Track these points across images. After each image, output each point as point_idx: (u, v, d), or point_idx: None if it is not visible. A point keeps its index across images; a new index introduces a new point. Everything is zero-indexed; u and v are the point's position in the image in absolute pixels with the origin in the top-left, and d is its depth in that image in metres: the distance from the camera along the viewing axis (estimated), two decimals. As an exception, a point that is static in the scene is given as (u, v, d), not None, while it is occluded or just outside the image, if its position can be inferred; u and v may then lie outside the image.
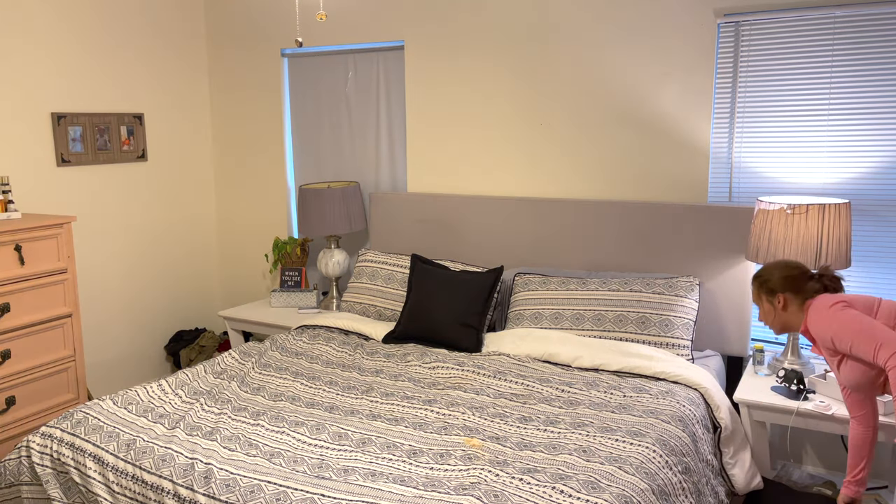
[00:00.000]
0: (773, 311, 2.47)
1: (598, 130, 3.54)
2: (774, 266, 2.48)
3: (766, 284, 2.47)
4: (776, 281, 2.45)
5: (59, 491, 2.46)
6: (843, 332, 2.22)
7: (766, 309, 2.49)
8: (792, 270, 2.45)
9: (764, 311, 2.50)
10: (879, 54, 2.93)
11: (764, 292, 2.48)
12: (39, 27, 3.76)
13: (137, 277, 4.39)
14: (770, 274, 2.47)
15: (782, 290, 2.44)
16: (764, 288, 2.48)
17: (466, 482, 2.13)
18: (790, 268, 2.46)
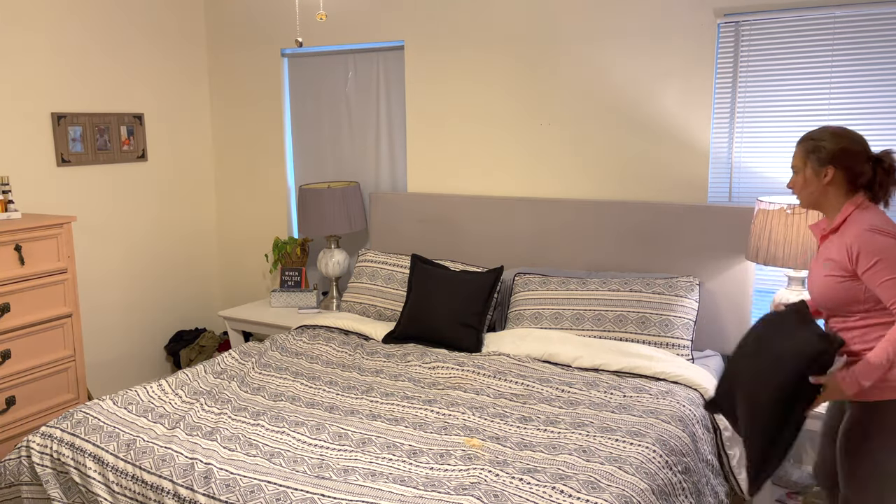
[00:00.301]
0: (816, 182, 2.15)
1: (597, 130, 3.54)
2: (832, 133, 2.14)
3: (818, 151, 2.14)
4: (833, 150, 2.12)
5: (59, 491, 2.47)
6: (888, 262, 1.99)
7: (808, 177, 2.16)
8: (854, 144, 2.13)
9: (804, 178, 2.17)
10: (879, 54, 2.93)
11: (813, 158, 2.15)
12: (40, 27, 3.76)
13: (137, 277, 4.39)
14: (826, 140, 2.14)
15: (834, 164, 2.12)
16: (815, 154, 2.14)
17: (466, 482, 2.13)
18: (853, 140, 2.13)
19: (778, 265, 2.82)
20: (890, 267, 1.99)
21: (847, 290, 2.08)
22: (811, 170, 2.15)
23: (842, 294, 2.10)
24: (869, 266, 2.01)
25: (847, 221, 2.11)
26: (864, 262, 2.02)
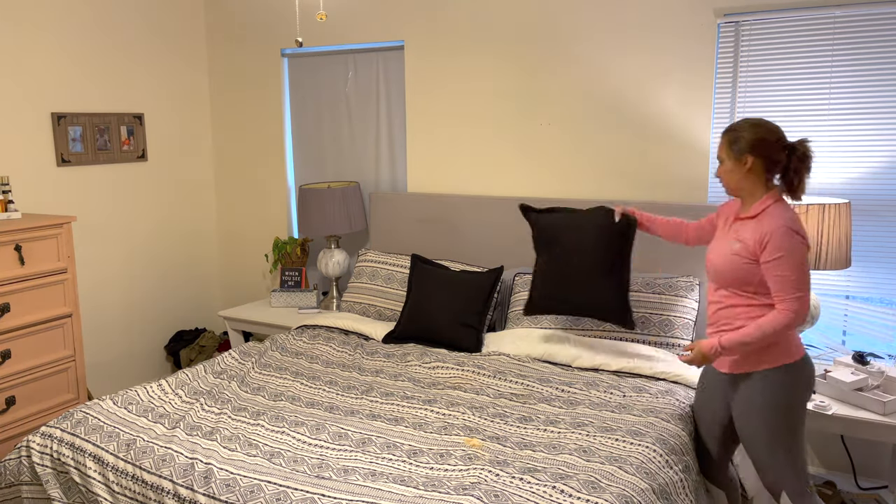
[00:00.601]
0: (739, 170, 2.31)
1: (597, 130, 3.54)
2: (751, 124, 2.30)
3: (738, 142, 2.29)
4: (751, 140, 2.27)
5: (59, 491, 2.46)
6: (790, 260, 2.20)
7: (730, 167, 2.32)
8: (769, 134, 2.28)
9: (726, 167, 2.34)
10: (879, 54, 2.93)
11: (733, 149, 2.31)
12: (40, 27, 3.76)
13: (137, 277, 4.39)
14: (745, 131, 2.29)
15: (752, 153, 2.28)
16: (736, 144, 2.30)
17: (466, 482, 2.13)
18: (768, 131, 2.28)
19: (778, 265, 2.81)
20: (788, 265, 2.20)
21: (746, 271, 2.28)
22: (732, 160, 2.31)
23: (741, 273, 2.29)
24: (772, 258, 2.21)
25: (765, 212, 2.28)
26: (770, 253, 2.22)
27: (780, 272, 2.20)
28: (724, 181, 2.37)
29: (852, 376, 2.68)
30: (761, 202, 2.29)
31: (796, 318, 2.20)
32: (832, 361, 2.99)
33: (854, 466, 3.14)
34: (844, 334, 3.18)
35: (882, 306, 3.08)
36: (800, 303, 2.19)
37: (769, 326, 2.21)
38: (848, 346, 3.15)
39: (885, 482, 3.09)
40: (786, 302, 2.20)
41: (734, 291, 2.33)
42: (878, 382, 2.69)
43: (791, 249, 2.19)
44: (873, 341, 3.09)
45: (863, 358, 2.76)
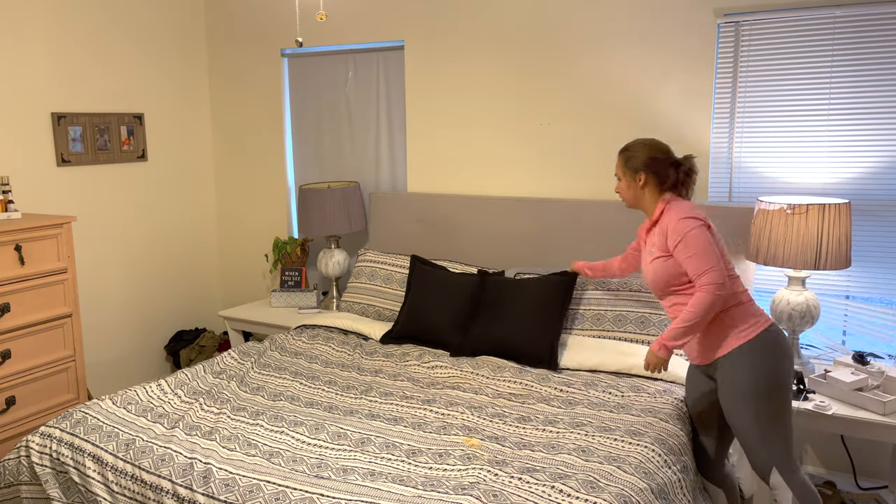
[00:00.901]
0: (634, 186, 2.52)
1: (598, 130, 3.54)
2: (643, 144, 2.52)
3: (631, 161, 2.52)
4: (642, 159, 2.50)
5: (58, 490, 2.46)
6: (689, 241, 2.34)
7: (627, 184, 2.54)
8: (658, 153, 2.50)
9: (623, 185, 2.56)
10: (879, 54, 2.93)
11: (629, 168, 2.53)
12: (39, 27, 3.76)
13: (137, 277, 4.39)
14: (637, 150, 2.51)
15: (645, 170, 2.49)
16: (630, 164, 2.52)
17: (465, 482, 2.13)
18: (658, 150, 2.51)
19: (778, 265, 2.82)
20: (690, 246, 2.35)
21: (669, 268, 2.43)
22: (629, 179, 2.53)
23: (668, 273, 2.43)
24: (676, 243, 2.38)
25: (663, 214, 2.48)
26: (672, 242, 2.39)
27: (687, 254, 2.35)
28: (622, 196, 2.58)
29: (852, 376, 2.68)
30: (657, 209, 2.49)
31: (717, 291, 2.30)
32: (832, 361, 2.98)
33: (854, 466, 3.14)
34: (844, 334, 3.17)
35: (882, 306, 3.07)
36: (713, 275, 2.31)
37: (698, 306, 2.32)
38: (848, 346, 3.15)
39: (885, 482, 3.08)
40: (701, 278, 2.32)
41: (674, 291, 2.46)
42: (878, 382, 2.69)
43: (686, 232, 2.35)
44: (873, 341, 3.09)
45: (863, 358, 2.76)
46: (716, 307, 2.32)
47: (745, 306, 2.40)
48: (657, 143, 2.53)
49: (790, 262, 2.78)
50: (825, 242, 2.74)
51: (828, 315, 3.16)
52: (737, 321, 2.36)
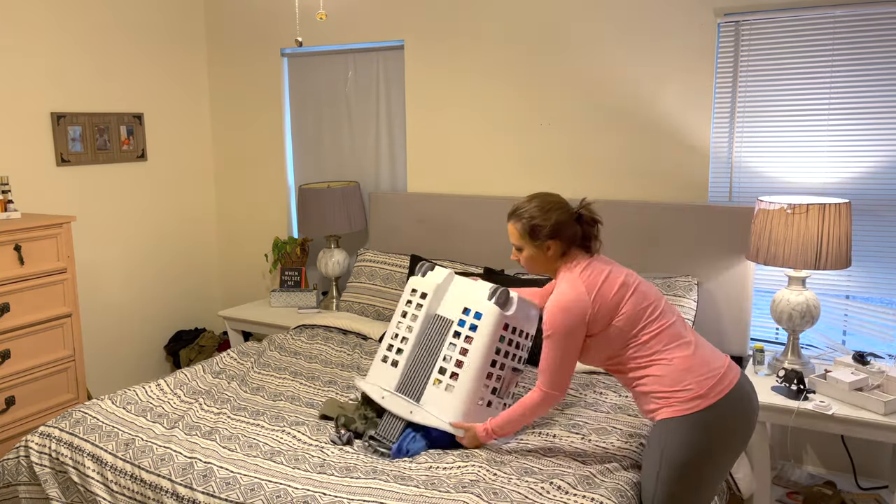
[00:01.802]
0: (542, 257, 2.24)
1: (598, 130, 3.54)
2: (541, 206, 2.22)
3: (535, 230, 2.21)
4: (550, 227, 2.19)
5: (57, 490, 2.46)
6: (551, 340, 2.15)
7: (531, 254, 2.25)
8: (562, 214, 2.21)
9: (527, 254, 2.26)
10: (879, 54, 2.93)
11: (533, 237, 2.22)
12: (39, 27, 3.76)
13: (137, 277, 4.39)
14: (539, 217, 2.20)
15: (553, 237, 2.21)
16: (533, 234, 2.21)
17: (466, 480, 2.13)
18: (560, 209, 2.22)
19: (778, 265, 2.82)
20: (549, 345, 2.15)
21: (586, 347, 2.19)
22: (533, 248, 2.24)
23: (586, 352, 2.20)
24: (543, 336, 2.17)
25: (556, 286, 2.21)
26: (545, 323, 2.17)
27: (544, 350, 2.17)
28: (527, 267, 2.29)
29: (852, 376, 2.68)
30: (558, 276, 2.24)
31: (547, 398, 2.18)
32: (832, 361, 2.98)
33: (854, 466, 3.14)
34: (844, 334, 3.17)
35: (882, 306, 3.07)
36: (551, 384, 2.16)
37: (528, 406, 2.22)
38: (848, 346, 3.15)
39: (886, 482, 3.08)
40: (543, 376, 2.18)
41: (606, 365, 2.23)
42: (878, 382, 2.69)
43: (552, 328, 2.13)
44: (873, 341, 3.09)
45: (863, 358, 2.76)
46: (545, 409, 2.21)
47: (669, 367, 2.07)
48: (552, 199, 2.24)
49: (790, 261, 2.78)
50: (825, 242, 2.74)
51: (828, 315, 3.16)
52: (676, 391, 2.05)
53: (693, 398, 2.02)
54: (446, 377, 2.43)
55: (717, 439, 2.03)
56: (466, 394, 2.38)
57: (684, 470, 2.02)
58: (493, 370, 2.43)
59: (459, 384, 2.40)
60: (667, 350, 2.09)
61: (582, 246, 2.24)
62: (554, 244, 2.21)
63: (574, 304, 2.12)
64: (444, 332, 2.51)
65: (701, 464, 2.04)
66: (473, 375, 2.39)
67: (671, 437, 2.03)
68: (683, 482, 2.04)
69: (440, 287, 2.61)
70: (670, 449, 2.03)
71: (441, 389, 2.42)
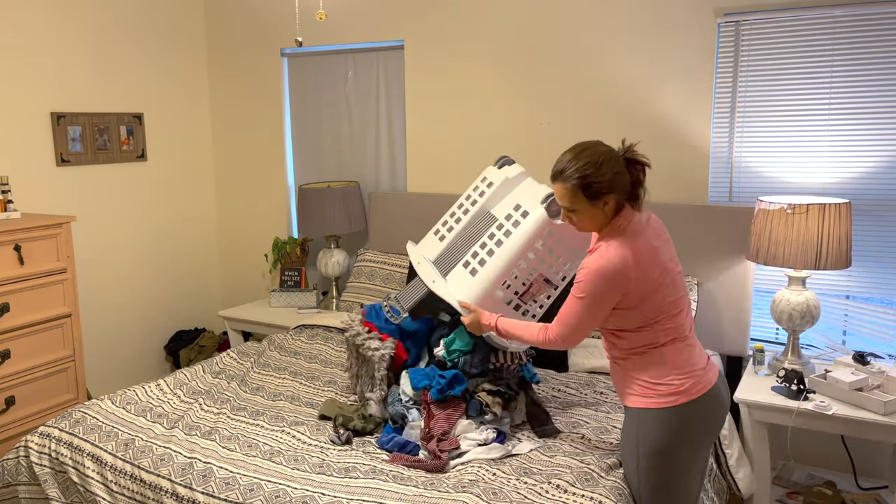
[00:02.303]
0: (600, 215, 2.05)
1: (598, 130, 3.54)
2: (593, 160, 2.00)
3: (589, 187, 1.99)
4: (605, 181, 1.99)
5: (57, 490, 2.46)
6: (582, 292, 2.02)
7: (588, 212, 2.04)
8: (616, 163, 2.02)
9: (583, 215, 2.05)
10: (879, 54, 2.93)
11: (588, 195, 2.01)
12: (39, 27, 3.76)
13: (137, 277, 4.39)
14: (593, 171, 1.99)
15: (612, 192, 2.02)
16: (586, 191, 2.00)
17: (465, 480, 2.13)
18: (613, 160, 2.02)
19: (778, 265, 2.82)
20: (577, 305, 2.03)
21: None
22: (589, 206, 2.03)
23: None
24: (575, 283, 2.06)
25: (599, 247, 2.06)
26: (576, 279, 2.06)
27: (570, 304, 2.05)
28: (580, 228, 2.10)
29: (852, 376, 2.68)
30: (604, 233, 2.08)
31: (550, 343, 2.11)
32: (832, 361, 2.98)
33: (854, 466, 3.13)
34: (844, 334, 3.17)
35: (882, 306, 3.07)
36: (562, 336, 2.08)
37: (532, 330, 2.16)
38: (848, 346, 3.15)
39: (886, 482, 3.08)
40: (552, 324, 2.10)
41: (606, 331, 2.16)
42: (879, 382, 2.69)
43: (585, 292, 2.01)
44: (873, 341, 3.09)
45: (863, 358, 2.76)
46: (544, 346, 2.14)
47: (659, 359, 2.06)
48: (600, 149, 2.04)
49: (790, 261, 2.78)
50: (825, 242, 2.74)
51: (828, 315, 3.16)
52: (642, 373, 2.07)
53: (672, 393, 2.04)
54: (475, 261, 2.45)
55: (687, 433, 2.06)
56: (486, 281, 2.39)
57: (660, 458, 2.06)
58: (522, 269, 2.42)
59: (483, 270, 2.42)
60: (664, 345, 2.07)
61: (632, 196, 2.07)
62: (612, 199, 2.02)
63: (617, 275, 1.98)
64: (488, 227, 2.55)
65: (675, 451, 2.06)
66: (499, 265, 2.39)
67: (644, 430, 2.07)
68: (662, 470, 2.07)
69: (509, 181, 2.64)
70: (645, 442, 2.06)
71: (467, 271, 2.45)
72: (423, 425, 2.38)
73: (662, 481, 2.07)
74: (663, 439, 2.04)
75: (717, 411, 2.12)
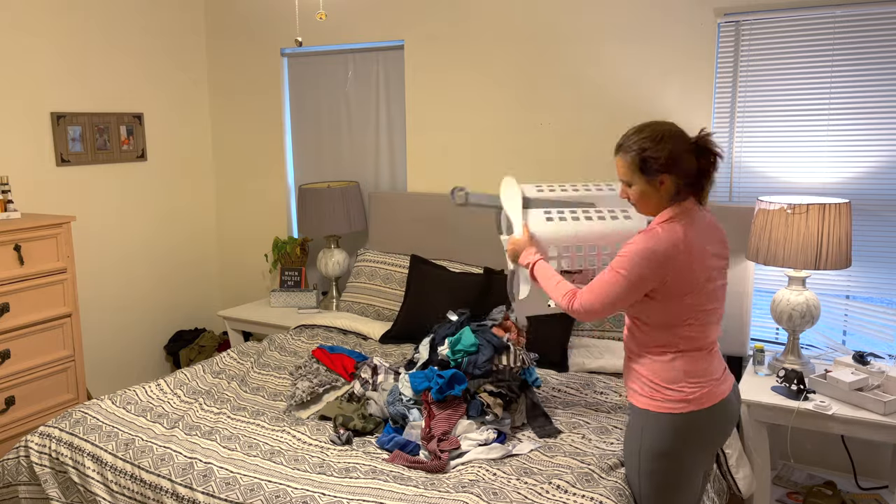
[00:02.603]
0: (654, 194, 2.01)
1: (598, 130, 3.54)
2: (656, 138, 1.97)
3: (647, 162, 1.97)
4: (663, 159, 1.95)
5: (57, 490, 2.46)
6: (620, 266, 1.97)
7: (642, 189, 2.02)
8: (679, 143, 1.97)
9: (637, 190, 2.03)
10: (879, 54, 2.93)
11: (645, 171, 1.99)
12: (39, 27, 3.76)
13: (137, 277, 4.38)
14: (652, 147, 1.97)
15: (667, 170, 1.97)
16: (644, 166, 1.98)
17: (465, 480, 2.13)
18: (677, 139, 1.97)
19: (778, 265, 2.82)
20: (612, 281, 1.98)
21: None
22: (645, 183, 2.01)
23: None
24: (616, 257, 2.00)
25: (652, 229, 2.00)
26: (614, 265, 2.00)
27: (606, 276, 2.00)
28: (638, 206, 2.07)
29: (852, 376, 2.68)
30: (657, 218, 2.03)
31: (575, 310, 2.04)
32: (832, 361, 2.98)
33: (854, 466, 3.14)
34: (844, 334, 3.17)
35: (882, 306, 3.07)
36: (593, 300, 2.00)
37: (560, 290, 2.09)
38: (848, 346, 3.15)
39: (886, 482, 3.08)
40: (588, 289, 2.03)
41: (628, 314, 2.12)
42: (879, 382, 2.69)
43: (625, 268, 1.95)
44: (874, 341, 3.09)
45: (863, 358, 2.76)
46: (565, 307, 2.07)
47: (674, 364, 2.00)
48: (667, 127, 2.00)
49: (790, 261, 2.78)
50: (825, 242, 2.74)
51: (828, 315, 3.16)
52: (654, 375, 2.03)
53: (681, 400, 1.99)
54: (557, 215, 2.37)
55: (691, 441, 2.02)
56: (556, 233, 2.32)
57: (661, 462, 2.03)
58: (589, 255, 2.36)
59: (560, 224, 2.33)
60: (682, 352, 2.01)
61: (696, 185, 2.01)
62: (668, 179, 1.97)
63: (662, 258, 1.92)
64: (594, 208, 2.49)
65: (677, 456, 2.03)
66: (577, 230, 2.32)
67: (648, 432, 2.03)
68: (663, 474, 2.04)
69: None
70: (648, 444, 2.03)
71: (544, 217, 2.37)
72: (424, 425, 2.38)
73: (663, 484, 2.06)
74: (667, 444, 2.01)
75: (725, 423, 2.08)
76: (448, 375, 2.42)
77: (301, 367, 2.94)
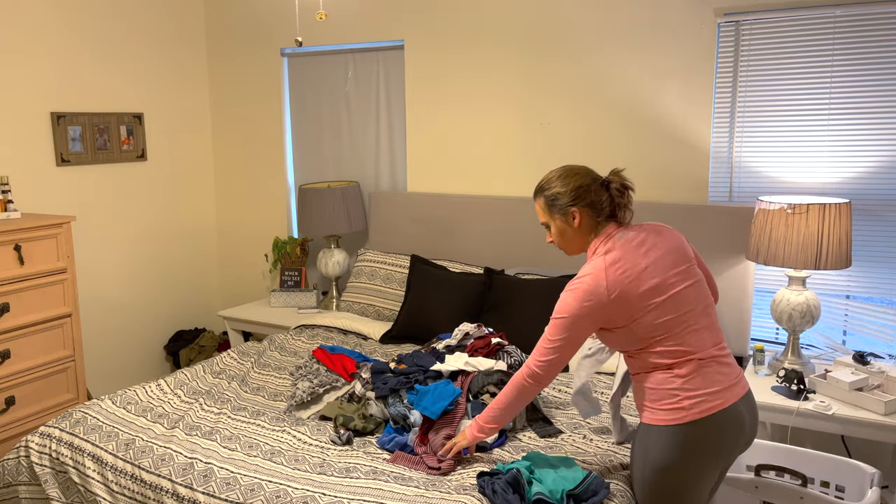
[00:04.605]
0: (570, 230, 2.09)
1: (598, 130, 3.54)
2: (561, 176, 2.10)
3: (556, 199, 2.08)
4: (569, 193, 2.06)
5: (57, 490, 2.46)
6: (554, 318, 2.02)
7: (559, 227, 2.11)
8: (584, 178, 2.07)
9: (556, 230, 2.12)
10: (879, 54, 2.93)
11: (556, 209, 2.09)
12: (39, 27, 3.76)
13: (137, 277, 4.39)
14: (558, 185, 2.09)
15: (576, 204, 2.06)
16: (556, 204, 2.09)
17: (467, 482, 2.13)
18: (581, 175, 2.08)
19: (778, 265, 2.82)
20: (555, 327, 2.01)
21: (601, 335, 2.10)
22: (559, 221, 2.10)
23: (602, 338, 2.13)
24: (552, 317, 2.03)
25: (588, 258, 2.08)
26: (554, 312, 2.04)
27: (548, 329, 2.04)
28: (562, 247, 2.15)
29: (852, 376, 2.68)
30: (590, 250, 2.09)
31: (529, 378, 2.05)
32: (832, 361, 2.99)
33: (854, 466, 3.13)
34: (844, 334, 3.17)
35: (882, 306, 3.08)
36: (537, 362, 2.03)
37: (510, 390, 2.10)
38: (848, 345, 3.15)
39: (886, 482, 3.08)
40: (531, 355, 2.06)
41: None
42: (879, 382, 2.69)
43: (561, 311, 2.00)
44: (874, 341, 3.09)
45: (863, 358, 2.76)
46: (528, 395, 2.08)
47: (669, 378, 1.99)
48: (574, 168, 2.12)
49: (790, 261, 2.78)
50: (825, 242, 2.74)
51: (828, 315, 3.16)
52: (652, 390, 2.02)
53: (679, 410, 1.97)
54: None
55: (692, 453, 1.97)
56: None
57: (664, 475, 1.99)
58: None
59: None
60: (672, 367, 1.99)
61: (613, 216, 2.09)
62: (580, 213, 2.06)
63: (591, 295, 1.96)
64: None
65: (679, 469, 1.99)
66: None
67: (651, 443, 2.00)
68: (666, 486, 2.00)
69: None
70: (650, 457, 2.00)
71: None
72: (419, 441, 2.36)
73: (666, 496, 2.02)
74: (668, 457, 1.97)
75: (729, 433, 2.00)
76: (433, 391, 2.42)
77: (301, 367, 2.94)
